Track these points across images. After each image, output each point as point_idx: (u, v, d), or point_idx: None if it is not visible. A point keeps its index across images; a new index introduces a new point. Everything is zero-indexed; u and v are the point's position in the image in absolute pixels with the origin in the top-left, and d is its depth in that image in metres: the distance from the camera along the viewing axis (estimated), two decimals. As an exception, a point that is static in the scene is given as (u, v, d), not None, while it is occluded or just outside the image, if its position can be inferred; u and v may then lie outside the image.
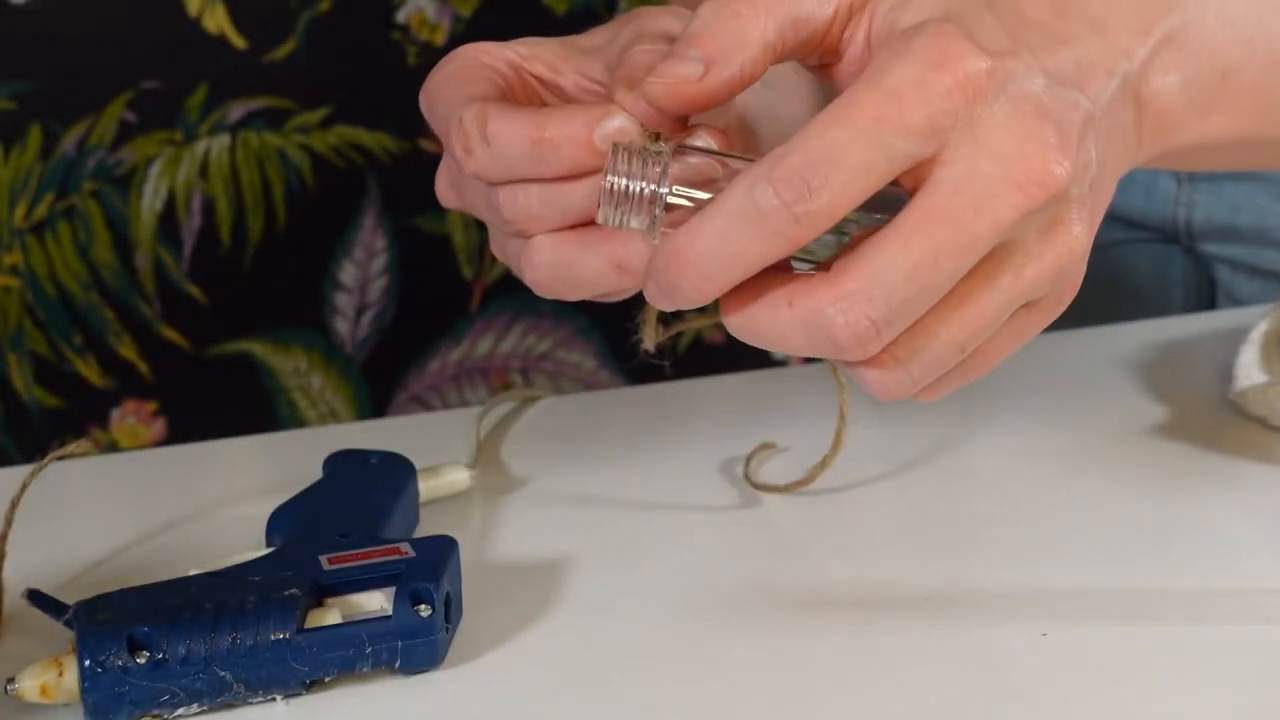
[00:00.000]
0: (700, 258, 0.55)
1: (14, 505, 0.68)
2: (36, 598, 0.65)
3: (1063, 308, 0.60)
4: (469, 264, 1.62)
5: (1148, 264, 1.09)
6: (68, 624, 0.63)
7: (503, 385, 1.64)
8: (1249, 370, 0.81)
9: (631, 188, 0.57)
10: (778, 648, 0.66)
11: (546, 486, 0.78)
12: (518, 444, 0.82)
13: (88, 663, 0.60)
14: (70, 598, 0.64)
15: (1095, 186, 0.58)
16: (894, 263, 0.54)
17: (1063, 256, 0.57)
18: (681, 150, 0.58)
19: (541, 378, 1.64)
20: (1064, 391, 0.85)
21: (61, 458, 0.69)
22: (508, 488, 0.78)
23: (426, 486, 0.75)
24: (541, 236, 0.62)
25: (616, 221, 0.58)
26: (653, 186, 0.58)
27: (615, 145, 0.58)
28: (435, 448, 0.78)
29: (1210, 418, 0.82)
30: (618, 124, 0.59)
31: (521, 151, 0.60)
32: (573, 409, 0.87)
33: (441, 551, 0.65)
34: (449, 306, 1.62)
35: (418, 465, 0.74)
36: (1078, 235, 0.57)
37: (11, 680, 0.61)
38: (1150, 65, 0.61)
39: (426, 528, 0.74)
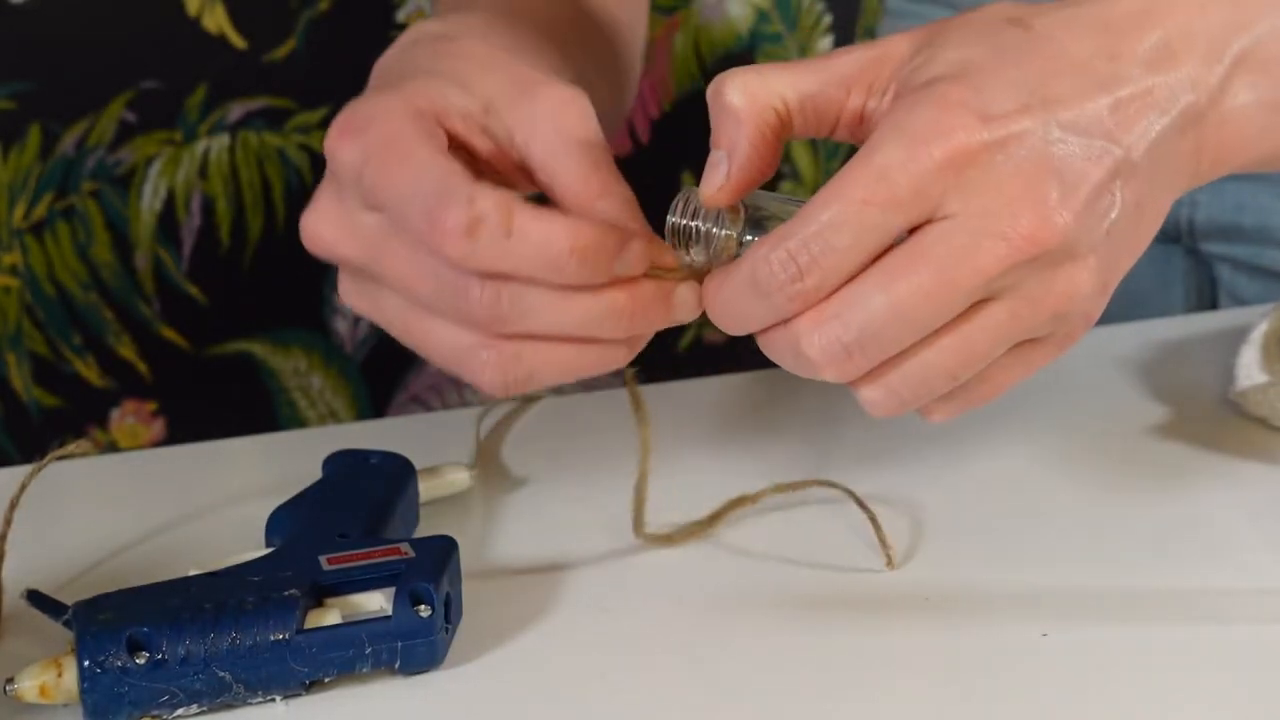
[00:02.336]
0: (718, 308, 0.61)
1: (13, 505, 0.68)
2: (36, 598, 0.65)
3: (1072, 343, 0.62)
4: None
5: (1148, 264, 1.09)
6: (67, 624, 0.63)
7: (502, 385, 1.64)
8: (1250, 370, 0.81)
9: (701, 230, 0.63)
10: (777, 647, 0.66)
11: (546, 486, 0.78)
12: (518, 444, 0.82)
13: (87, 663, 0.60)
14: (69, 598, 0.64)
15: (1122, 229, 0.60)
16: (873, 297, 0.58)
17: (1062, 302, 0.59)
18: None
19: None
20: (1064, 391, 0.85)
21: (61, 458, 0.69)
22: (508, 488, 0.78)
23: (426, 487, 0.75)
24: (542, 344, 0.61)
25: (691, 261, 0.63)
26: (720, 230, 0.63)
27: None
28: (435, 448, 0.78)
29: (1211, 418, 0.82)
30: (638, 250, 0.61)
31: (549, 255, 0.60)
32: (573, 409, 0.87)
33: (441, 552, 0.65)
34: (449, 306, 1.62)
35: (418, 465, 0.74)
36: (1082, 281, 0.59)
37: (11, 681, 0.61)
38: (1223, 90, 0.62)
39: (426, 528, 0.74)
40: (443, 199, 0.59)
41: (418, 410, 1.62)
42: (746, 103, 0.61)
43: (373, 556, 0.65)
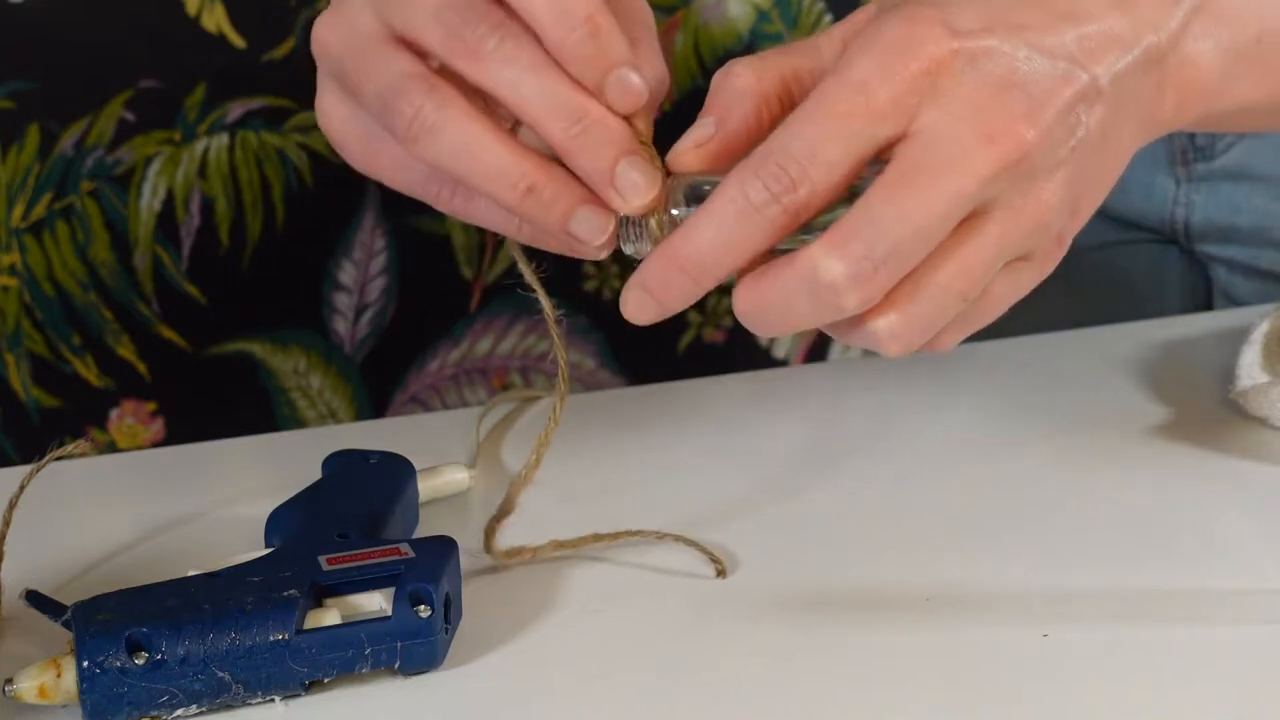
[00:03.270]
0: (699, 251, 0.60)
1: (12, 506, 0.68)
2: (35, 598, 0.65)
3: (1053, 264, 0.63)
4: (469, 264, 1.61)
5: (1144, 264, 1.09)
6: (66, 625, 0.62)
7: (502, 385, 1.64)
8: (1251, 370, 0.81)
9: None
10: (778, 647, 0.66)
11: (546, 486, 0.78)
12: (517, 444, 0.82)
13: (86, 664, 0.60)
14: (68, 598, 0.63)
15: (1087, 153, 0.62)
16: (883, 210, 0.59)
17: (1040, 212, 0.61)
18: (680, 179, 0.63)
19: (541, 378, 1.64)
20: (1064, 391, 0.85)
21: (60, 458, 0.69)
22: (507, 488, 0.78)
23: (426, 487, 0.75)
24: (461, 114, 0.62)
25: (635, 251, 0.63)
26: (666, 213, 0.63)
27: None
28: (435, 448, 0.78)
29: (1211, 418, 0.82)
30: (633, 78, 0.62)
31: (568, 9, 0.61)
32: (573, 409, 0.87)
33: (441, 552, 0.65)
34: (448, 306, 1.62)
35: (417, 465, 0.74)
36: (1052, 192, 0.61)
37: (10, 681, 0.61)
38: (1182, 34, 0.64)
39: (426, 528, 0.74)
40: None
41: (417, 410, 1.62)
42: (753, 80, 0.62)
43: (372, 557, 0.65)
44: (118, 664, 0.60)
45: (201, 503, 0.76)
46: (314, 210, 1.55)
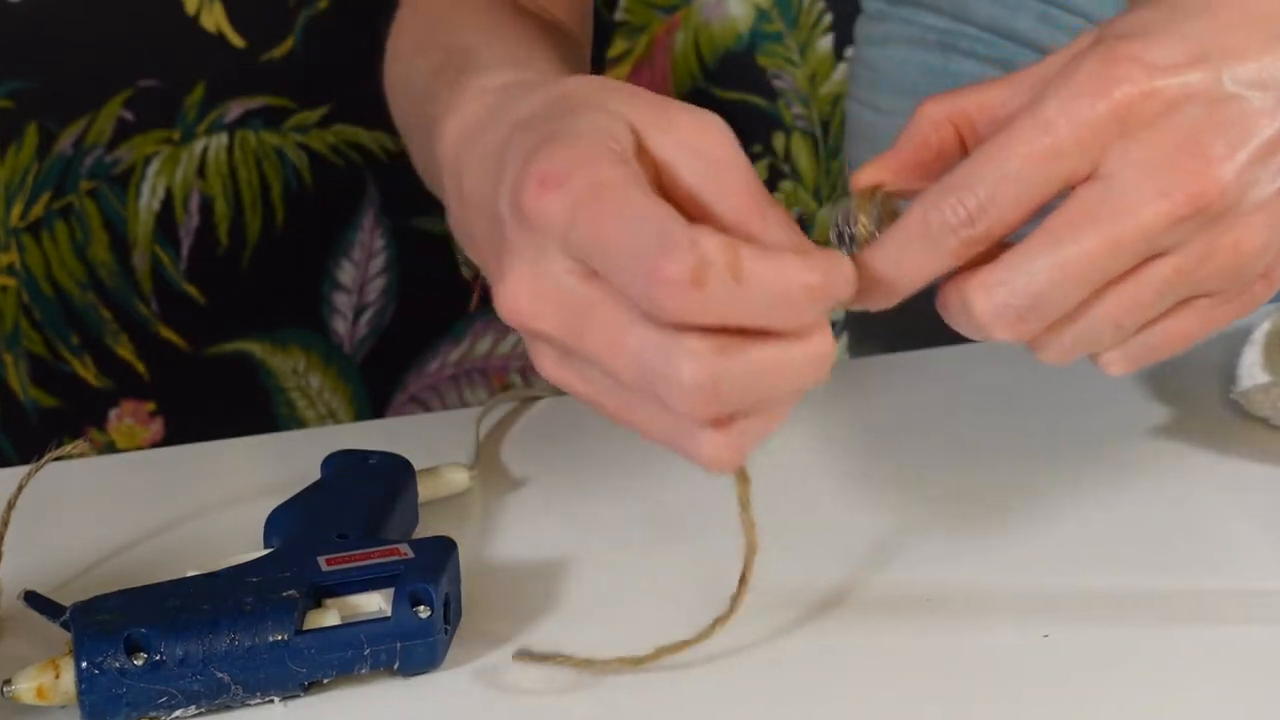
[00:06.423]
0: (885, 270, 0.60)
1: (10, 506, 0.68)
2: (33, 599, 0.65)
3: (1257, 303, 0.62)
4: (468, 264, 1.61)
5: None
6: (64, 625, 0.62)
7: (502, 385, 1.64)
8: (1252, 370, 0.81)
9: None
10: (777, 647, 0.65)
11: (546, 487, 0.78)
12: (517, 444, 0.82)
13: (85, 664, 0.60)
14: (67, 599, 0.63)
15: None
16: (1039, 260, 0.58)
17: (1230, 259, 0.59)
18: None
19: (541, 378, 1.64)
20: (1064, 391, 0.85)
21: (59, 458, 0.69)
22: (507, 488, 0.78)
23: (426, 487, 0.75)
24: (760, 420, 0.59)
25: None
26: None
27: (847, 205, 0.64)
28: (434, 448, 0.78)
29: (1212, 418, 0.82)
30: (850, 273, 0.58)
31: (782, 295, 0.55)
32: (573, 409, 0.87)
33: (440, 552, 0.65)
34: (448, 306, 1.62)
35: (417, 466, 0.74)
36: (1249, 238, 0.59)
37: (8, 682, 0.61)
38: None
39: (425, 528, 0.74)
40: (664, 246, 0.54)
41: (417, 410, 1.62)
42: (931, 108, 0.62)
43: (372, 557, 0.64)
44: (116, 665, 0.60)
45: (200, 503, 0.76)
46: (313, 210, 1.55)
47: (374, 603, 0.63)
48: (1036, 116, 0.58)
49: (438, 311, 1.62)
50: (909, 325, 0.85)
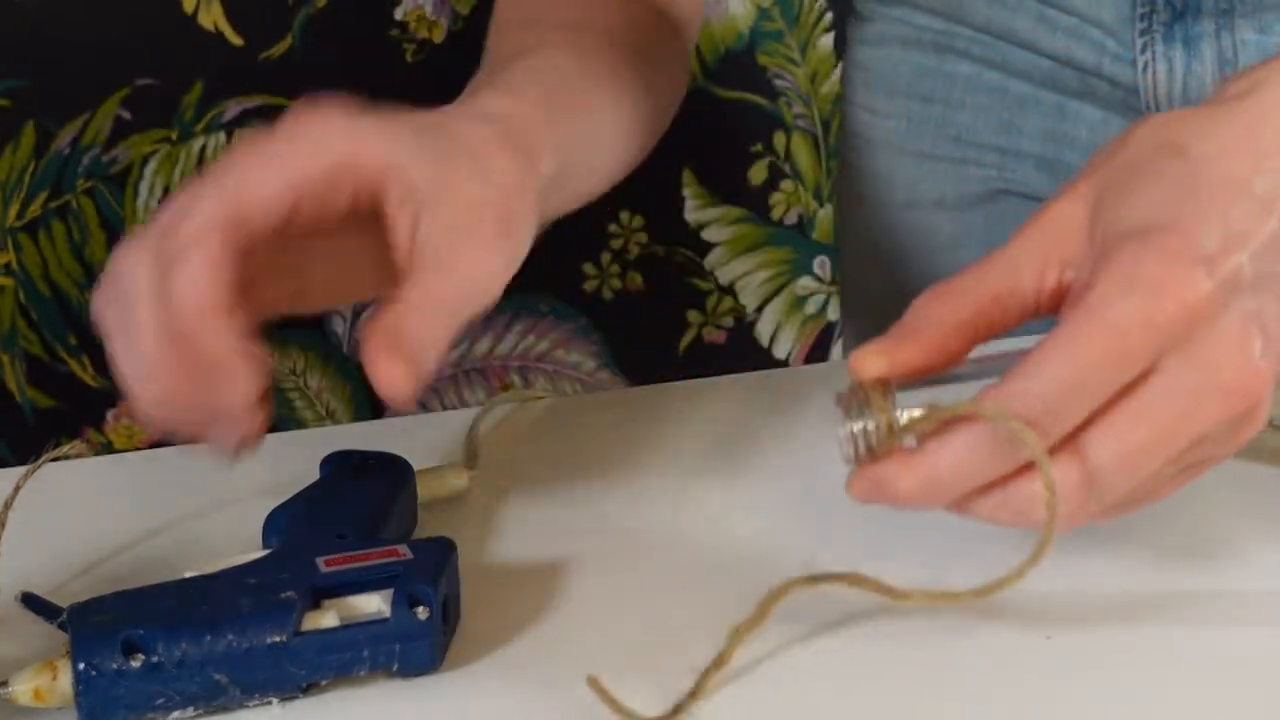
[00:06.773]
0: (939, 470, 0.63)
1: (8, 507, 0.68)
2: (30, 600, 0.65)
3: (1237, 448, 0.64)
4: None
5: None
6: (62, 627, 0.62)
7: (502, 386, 1.64)
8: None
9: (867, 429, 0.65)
10: (777, 648, 0.65)
11: (545, 488, 0.78)
12: (517, 445, 0.81)
13: (82, 666, 0.60)
14: (64, 600, 0.63)
15: None
16: (1108, 450, 0.60)
17: (1246, 436, 0.62)
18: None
19: (541, 378, 1.64)
20: (1067, 391, 0.85)
21: (56, 459, 0.69)
22: (506, 489, 0.77)
23: (425, 488, 0.75)
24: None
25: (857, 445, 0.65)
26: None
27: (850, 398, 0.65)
28: (434, 448, 0.78)
29: (1214, 418, 0.81)
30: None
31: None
32: (573, 409, 0.87)
33: (439, 553, 0.65)
34: (446, 306, 1.62)
35: (416, 466, 0.74)
36: (1261, 418, 0.61)
37: (5, 684, 0.61)
38: None
39: (424, 529, 0.73)
40: None
41: (416, 411, 1.62)
42: (946, 313, 0.64)
43: (370, 558, 0.64)
44: (114, 666, 0.60)
45: (198, 504, 0.76)
46: (312, 209, 1.55)
47: (373, 604, 0.63)
48: (1107, 322, 0.59)
49: (436, 311, 1.62)
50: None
